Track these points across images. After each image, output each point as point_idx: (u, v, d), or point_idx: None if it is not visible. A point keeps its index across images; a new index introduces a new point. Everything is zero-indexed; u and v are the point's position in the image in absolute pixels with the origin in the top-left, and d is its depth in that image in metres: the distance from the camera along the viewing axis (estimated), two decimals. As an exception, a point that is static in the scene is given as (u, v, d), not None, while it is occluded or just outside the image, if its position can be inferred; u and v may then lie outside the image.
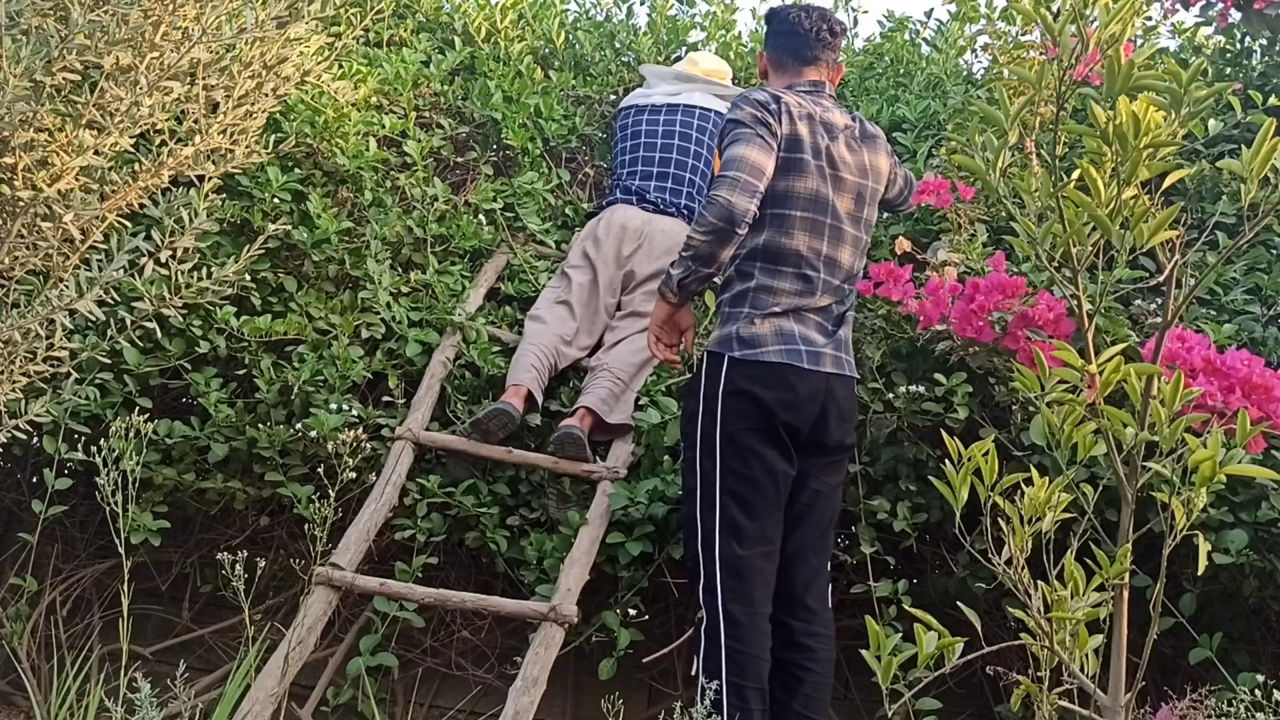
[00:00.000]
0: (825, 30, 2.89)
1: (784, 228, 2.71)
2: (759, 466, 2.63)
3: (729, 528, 2.61)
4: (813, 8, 2.95)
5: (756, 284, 2.71)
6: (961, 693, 3.16)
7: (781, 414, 2.63)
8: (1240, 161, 1.84)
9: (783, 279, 2.71)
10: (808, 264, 2.72)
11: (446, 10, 4.53)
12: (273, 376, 3.24)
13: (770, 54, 2.97)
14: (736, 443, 2.63)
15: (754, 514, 2.61)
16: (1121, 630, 1.90)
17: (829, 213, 2.74)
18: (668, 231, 3.71)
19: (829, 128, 2.79)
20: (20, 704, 3.41)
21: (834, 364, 2.72)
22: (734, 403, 2.65)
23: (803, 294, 2.71)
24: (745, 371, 2.65)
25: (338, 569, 2.91)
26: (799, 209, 2.72)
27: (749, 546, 2.60)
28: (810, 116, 2.77)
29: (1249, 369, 2.35)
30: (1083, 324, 1.99)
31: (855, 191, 2.80)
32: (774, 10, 3.03)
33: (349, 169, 3.62)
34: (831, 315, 2.77)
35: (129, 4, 2.40)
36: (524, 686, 2.72)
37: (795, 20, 2.90)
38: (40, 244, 2.57)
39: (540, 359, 3.43)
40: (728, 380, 2.66)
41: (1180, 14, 4.09)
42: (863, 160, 2.83)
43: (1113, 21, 1.82)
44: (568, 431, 3.25)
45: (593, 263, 3.67)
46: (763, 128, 2.71)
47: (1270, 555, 2.69)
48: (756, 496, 2.62)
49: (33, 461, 3.49)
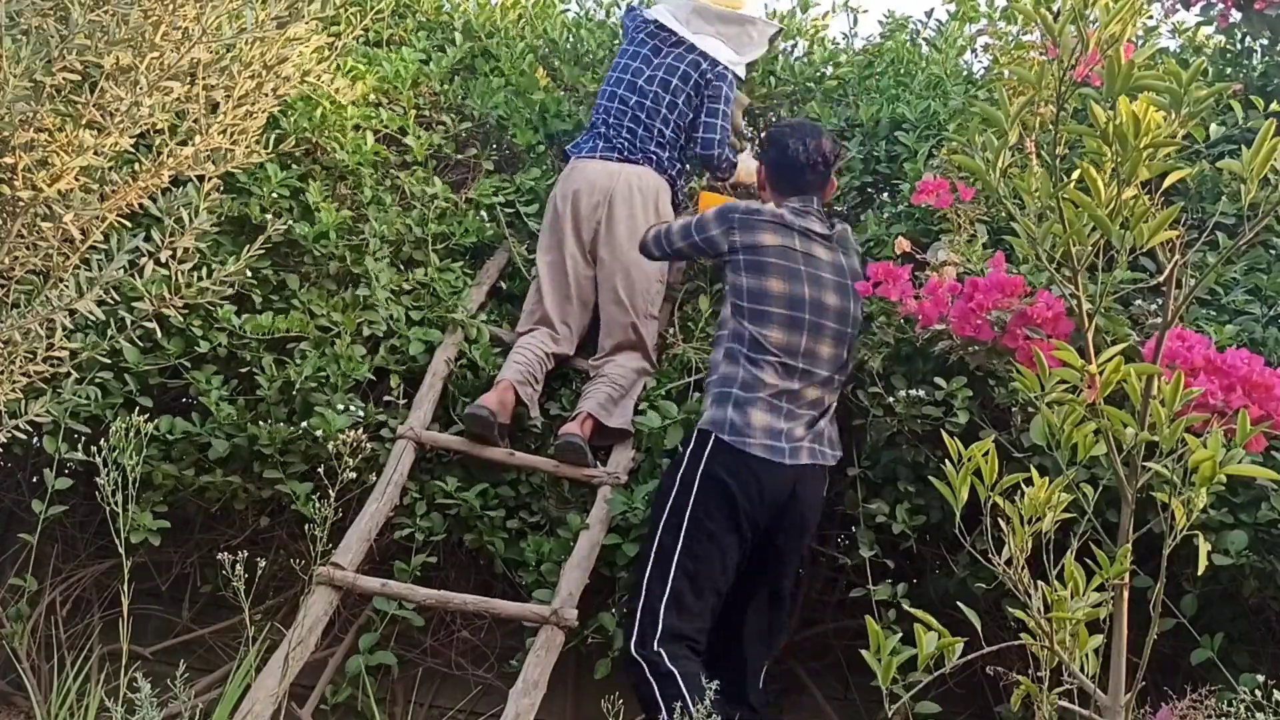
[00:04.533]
0: (820, 163, 3.18)
1: (763, 322, 2.99)
2: (716, 555, 2.84)
3: (675, 602, 2.79)
4: (810, 137, 3.19)
5: (743, 372, 2.96)
6: (962, 693, 3.16)
7: (747, 506, 2.86)
8: (1240, 162, 1.83)
9: (765, 370, 2.95)
10: (788, 354, 2.97)
11: (446, 9, 4.52)
12: (274, 374, 3.24)
13: (768, 173, 3.27)
14: (702, 527, 2.84)
15: (700, 594, 2.82)
16: (1121, 630, 1.90)
17: (806, 308, 3.00)
18: (634, 183, 3.66)
19: (807, 233, 3.10)
20: (20, 704, 3.41)
21: (809, 455, 2.94)
22: (707, 488, 2.86)
23: (786, 384, 2.94)
24: (725, 460, 2.87)
25: (339, 569, 2.91)
26: (776, 305, 2.99)
27: (688, 621, 2.80)
28: (786, 225, 3.09)
29: (1249, 367, 2.34)
30: (1083, 324, 1.99)
31: (836, 289, 3.06)
32: (775, 136, 3.28)
33: (348, 164, 3.62)
34: (820, 407, 3.01)
35: (129, 4, 2.40)
36: (524, 689, 2.72)
37: (793, 153, 3.18)
38: (40, 244, 2.56)
39: (528, 354, 3.44)
40: (706, 466, 2.88)
41: (1180, 14, 4.08)
42: (839, 261, 3.12)
43: (1113, 21, 1.82)
44: (568, 440, 3.25)
45: (558, 239, 3.64)
46: (705, 230, 3.15)
47: (1270, 556, 2.69)
48: (707, 579, 2.83)
49: (33, 461, 3.49)
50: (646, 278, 3.59)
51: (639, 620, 2.79)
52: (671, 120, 3.76)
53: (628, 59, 3.85)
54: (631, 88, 3.77)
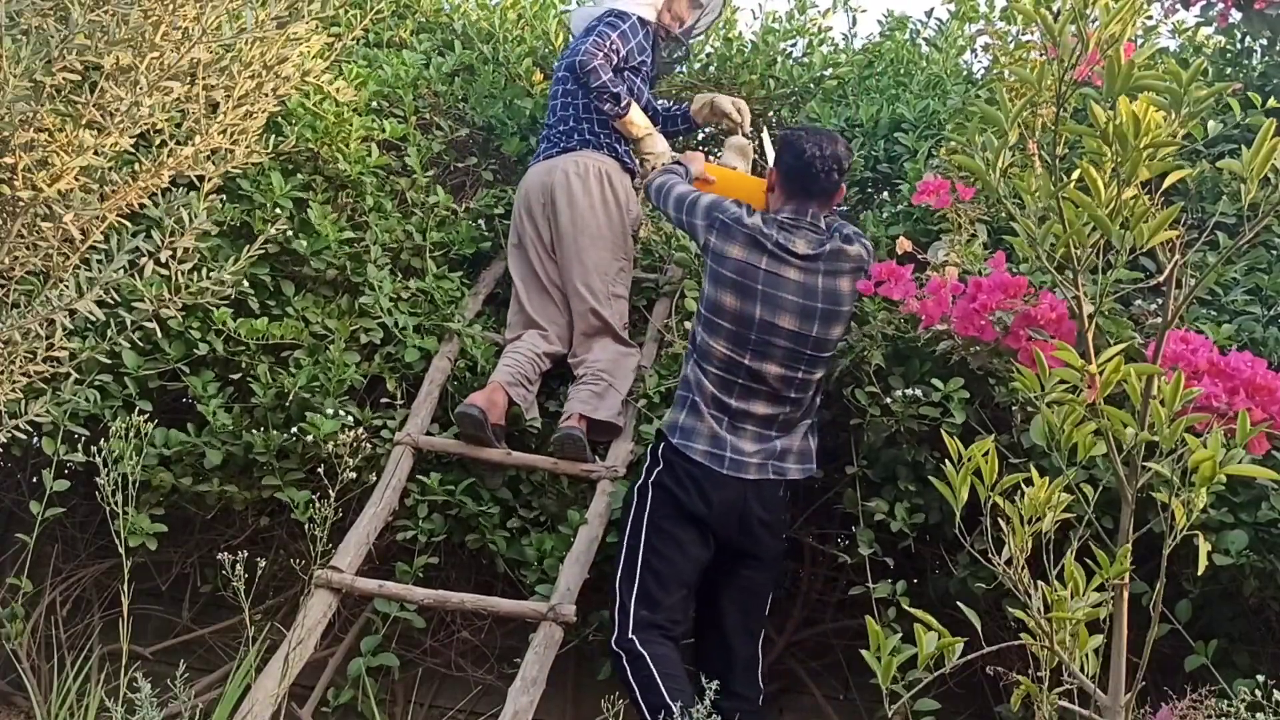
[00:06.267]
0: (834, 172, 3.10)
1: (712, 333, 3.01)
2: (675, 548, 2.93)
3: (644, 597, 2.89)
4: (827, 144, 3.11)
5: (696, 376, 3.02)
6: (961, 693, 3.16)
7: (696, 511, 2.93)
8: (1240, 161, 1.83)
9: (707, 380, 3.00)
10: (727, 370, 2.99)
11: (446, 11, 4.52)
12: (269, 381, 3.24)
13: (779, 176, 3.19)
14: (660, 528, 2.94)
15: (666, 587, 2.90)
16: (1121, 630, 1.90)
17: (754, 328, 2.98)
18: (569, 169, 3.62)
19: (780, 253, 3.03)
20: (20, 704, 3.41)
21: (758, 470, 2.97)
22: (658, 494, 2.97)
23: (725, 398, 2.97)
24: (670, 469, 2.97)
25: (337, 572, 2.91)
26: (726, 320, 3.00)
27: (658, 612, 2.89)
28: (761, 244, 3.03)
29: (1253, 370, 2.34)
30: (1083, 325, 1.99)
31: (797, 312, 3.00)
32: (790, 139, 3.18)
33: (350, 175, 3.62)
34: (774, 423, 3.01)
35: (129, 4, 2.40)
36: (523, 686, 2.72)
37: (809, 159, 3.09)
38: (40, 244, 2.56)
39: (518, 356, 3.44)
40: (659, 472, 2.98)
41: (1180, 14, 4.08)
42: (816, 285, 3.03)
43: (1113, 21, 1.82)
44: (568, 433, 3.26)
45: (523, 247, 3.66)
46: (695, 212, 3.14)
47: (1270, 556, 2.68)
48: (670, 572, 2.92)
49: (32, 462, 3.49)
50: (602, 260, 3.58)
51: (615, 619, 2.89)
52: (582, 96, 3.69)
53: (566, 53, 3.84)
54: (563, 80, 3.75)
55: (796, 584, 3.47)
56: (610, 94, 3.60)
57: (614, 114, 3.63)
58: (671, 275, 3.84)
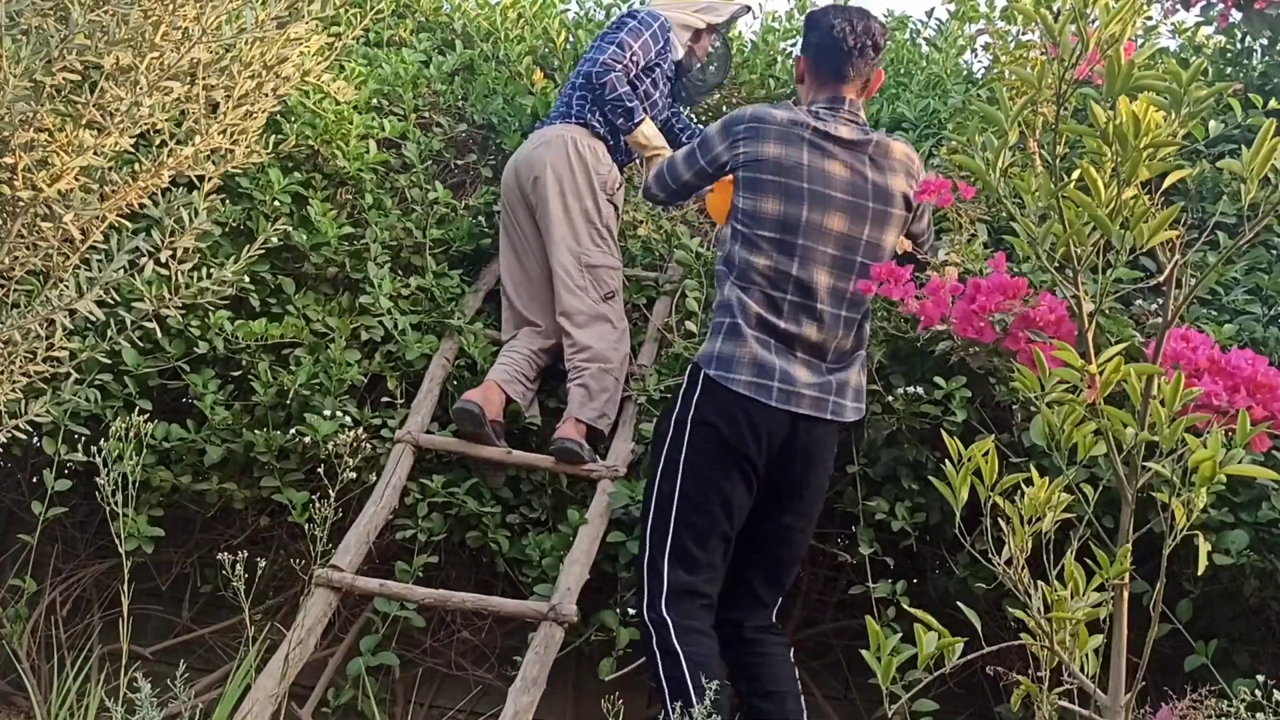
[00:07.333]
0: (869, 46, 2.79)
1: (752, 248, 2.71)
2: (716, 499, 2.64)
3: (679, 554, 2.63)
4: (857, 18, 2.81)
5: (735, 296, 2.71)
6: (961, 693, 3.16)
7: (742, 449, 2.64)
8: (1240, 161, 1.83)
9: (751, 295, 2.69)
10: (774, 284, 2.69)
11: (446, 10, 4.52)
12: (269, 379, 3.24)
13: (807, 62, 2.87)
14: (697, 473, 2.65)
15: (704, 543, 2.64)
16: (1121, 630, 1.90)
17: (801, 232, 2.69)
18: (538, 141, 3.58)
19: (821, 145, 2.74)
20: (20, 704, 3.41)
21: (813, 405, 2.67)
22: (699, 432, 2.66)
23: (773, 319, 2.68)
24: (712, 401, 2.66)
25: (337, 571, 2.91)
26: (767, 229, 2.70)
27: (696, 573, 2.64)
28: (797, 135, 2.73)
29: (1254, 368, 2.34)
30: (1083, 324, 1.99)
31: (846, 210, 2.72)
32: (816, 17, 2.89)
33: (350, 172, 3.62)
34: (827, 352, 2.72)
35: (129, 4, 2.40)
36: (524, 686, 2.71)
37: (839, 35, 2.78)
38: (40, 244, 2.56)
39: (514, 355, 3.44)
40: (696, 408, 2.67)
41: (1180, 14, 4.09)
42: (865, 179, 2.75)
43: (1113, 21, 1.82)
44: (563, 445, 3.26)
45: (509, 238, 3.64)
46: (710, 148, 2.83)
47: (1271, 556, 2.69)
48: (709, 526, 2.64)
49: (32, 462, 3.49)
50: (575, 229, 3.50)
51: (646, 579, 2.64)
52: (582, 71, 3.65)
53: None
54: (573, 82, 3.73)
55: (797, 584, 3.47)
56: (625, 108, 3.56)
57: (625, 129, 3.59)
58: (671, 274, 3.84)
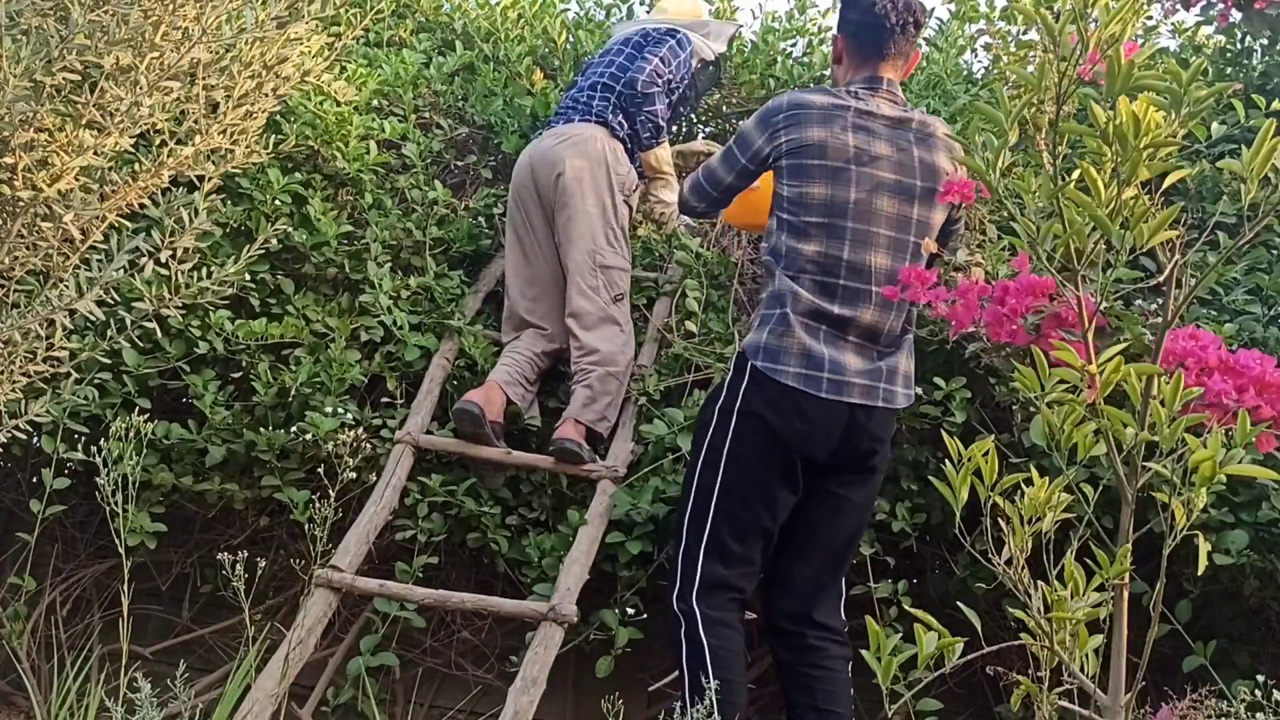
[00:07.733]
0: (910, 23, 2.71)
1: (800, 235, 2.64)
2: (759, 494, 2.58)
3: (716, 548, 2.58)
4: None
5: (786, 285, 2.64)
6: (961, 693, 3.16)
7: (792, 440, 2.57)
8: (1240, 161, 1.83)
9: (802, 284, 2.62)
10: (826, 270, 2.62)
11: (446, 10, 4.52)
12: (270, 379, 3.24)
13: (845, 40, 2.79)
14: (742, 466, 2.58)
15: (743, 538, 2.58)
16: (1121, 630, 1.90)
17: (850, 215, 2.63)
18: (565, 137, 3.58)
19: (865, 125, 2.67)
20: (20, 704, 3.41)
21: (864, 394, 2.59)
22: (746, 424, 2.59)
23: (825, 305, 2.61)
24: (760, 392, 2.58)
25: (337, 571, 2.91)
26: (815, 214, 2.63)
27: (731, 566, 2.58)
28: (839, 117, 2.66)
29: (1262, 367, 2.34)
30: (1083, 324, 1.99)
31: (895, 190, 2.66)
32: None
33: (350, 172, 3.62)
34: (879, 335, 2.64)
35: (129, 4, 2.40)
36: (523, 686, 2.71)
37: (881, 11, 2.70)
38: (40, 244, 2.56)
39: (515, 356, 3.44)
40: (744, 399, 2.60)
41: (1180, 14, 4.09)
42: (911, 157, 2.68)
43: (1113, 22, 1.82)
44: (562, 445, 3.26)
45: (516, 234, 3.63)
46: (749, 143, 2.74)
47: (1271, 555, 2.69)
48: (750, 522, 2.59)
49: (32, 461, 3.49)
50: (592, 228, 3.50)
51: (680, 568, 2.59)
52: (609, 73, 3.67)
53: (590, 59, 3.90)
54: (583, 75, 3.78)
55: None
56: (656, 124, 3.60)
57: (647, 144, 3.63)
58: (671, 275, 3.84)
